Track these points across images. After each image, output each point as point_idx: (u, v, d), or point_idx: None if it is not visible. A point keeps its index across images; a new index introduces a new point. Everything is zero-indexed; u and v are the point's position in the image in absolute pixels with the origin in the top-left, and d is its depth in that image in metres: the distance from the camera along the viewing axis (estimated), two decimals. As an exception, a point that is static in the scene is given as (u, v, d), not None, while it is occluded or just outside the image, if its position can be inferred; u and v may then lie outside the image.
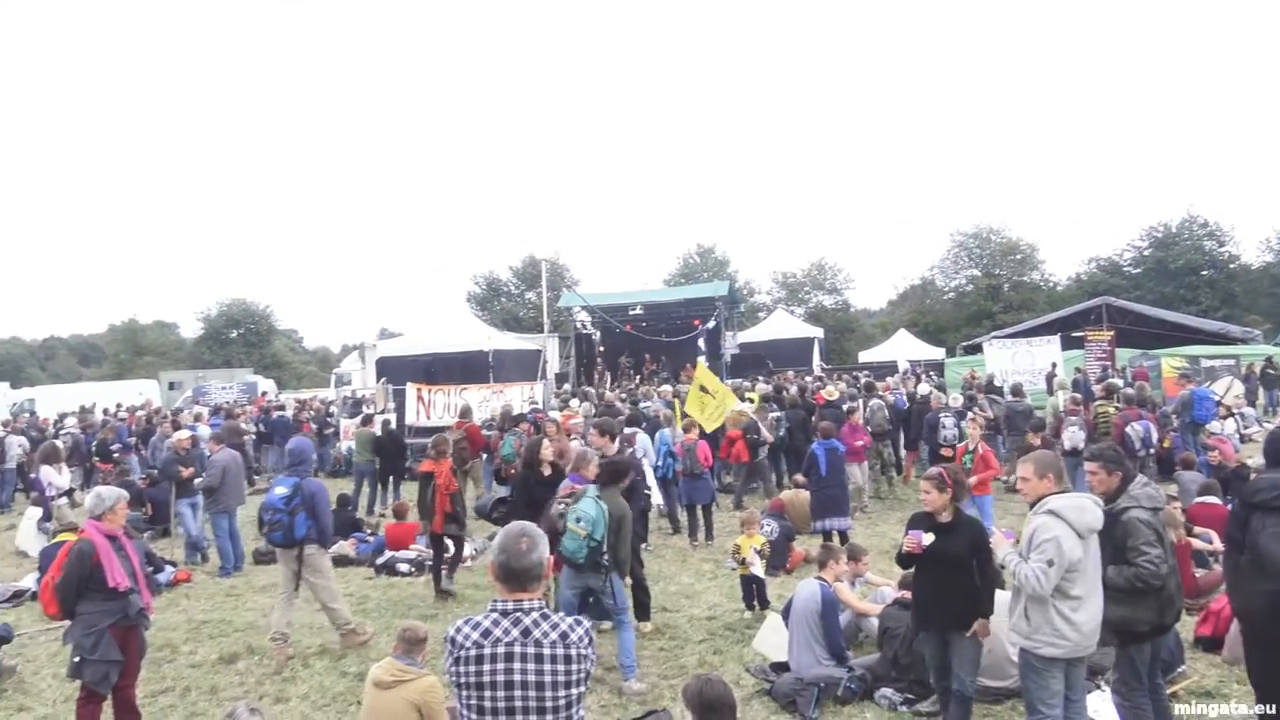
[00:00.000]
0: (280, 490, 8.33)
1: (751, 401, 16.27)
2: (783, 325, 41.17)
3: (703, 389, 13.31)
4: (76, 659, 5.96)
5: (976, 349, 25.36)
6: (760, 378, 24.95)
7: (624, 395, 22.14)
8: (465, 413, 16.03)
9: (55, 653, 8.53)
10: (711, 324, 31.85)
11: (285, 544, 8.33)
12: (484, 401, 19.18)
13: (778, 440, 15.53)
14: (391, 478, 16.62)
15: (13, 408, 34.50)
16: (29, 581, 10.74)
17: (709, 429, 13.28)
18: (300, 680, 7.55)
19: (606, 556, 6.96)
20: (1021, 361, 22.36)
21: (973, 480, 10.67)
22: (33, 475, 16.13)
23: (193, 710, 7.01)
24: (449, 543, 10.48)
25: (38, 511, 13.78)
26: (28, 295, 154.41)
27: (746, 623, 8.61)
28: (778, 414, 15.91)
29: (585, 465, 8.11)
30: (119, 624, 6.12)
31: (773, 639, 7.57)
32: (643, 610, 8.49)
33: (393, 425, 17.90)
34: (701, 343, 31.57)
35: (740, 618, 8.79)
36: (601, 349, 34.70)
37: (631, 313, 33.48)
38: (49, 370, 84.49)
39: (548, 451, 9.27)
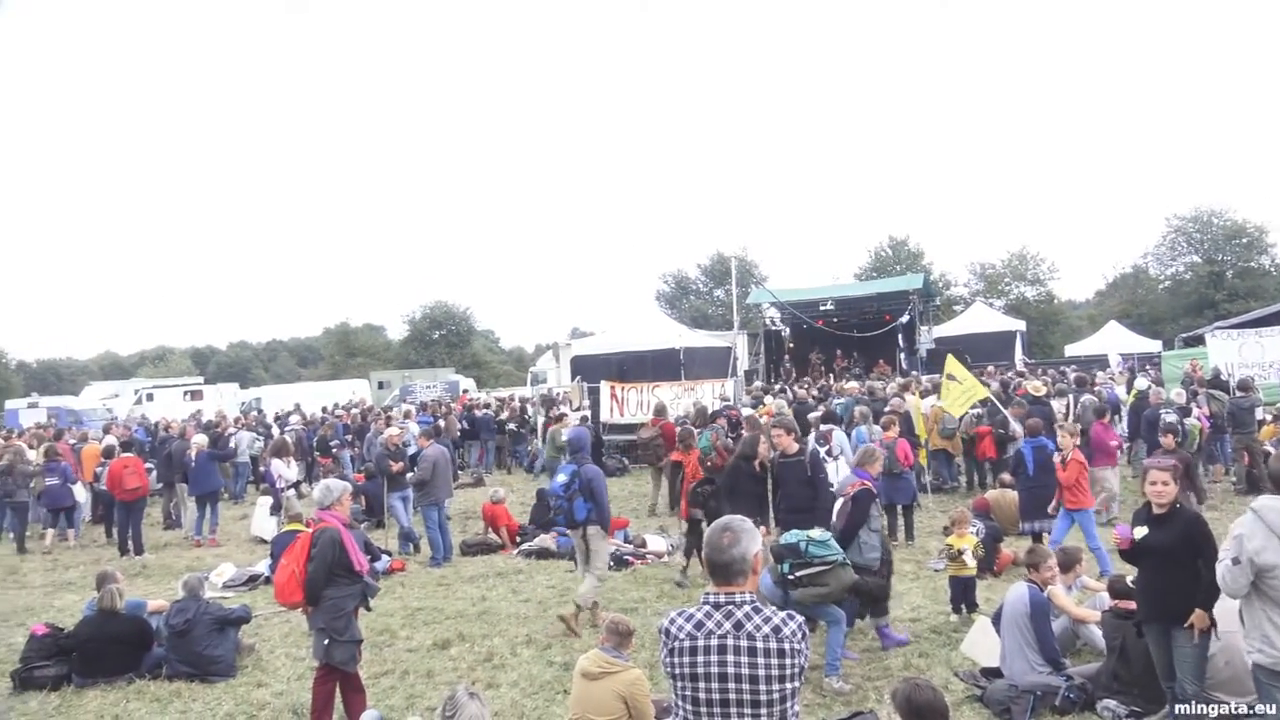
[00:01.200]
0: (560, 478, 9.14)
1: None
2: (981, 318, 39.58)
3: (950, 377, 14.45)
4: (326, 641, 6.31)
5: (1197, 341, 23.59)
6: (958, 374, 24.02)
7: (816, 392, 21.87)
8: (660, 410, 16.24)
9: (287, 634, 9.20)
10: (905, 318, 30.99)
11: (568, 526, 9.30)
12: (676, 399, 19.36)
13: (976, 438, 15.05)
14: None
15: (242, 406, 37.38)
16: (263, 567, 11.60)
17: (956, 414, 14.45)
18: (509, 668, 7.84)
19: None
20: (1250, 354, 20.59)
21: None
22: (263, 468, 17.45)
23: (411, 692, 7.39)
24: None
25: (269, 500, 14.86)
26: (253, 303, 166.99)
27: (953, 626, 8.35)
28: (977, 411, 15.35)
29: (871, 462, 8.23)
30: (359, 606, 6.54)
31: (982, 643, 7.31)
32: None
33: (588, 421, 18.32)
34: (898, 338, 30.80)
35: (946, 620, 8.52)
36: (791, 345, 34.38)
37: (822, 308, 33.01)
38: (272, 371, 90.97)
39: (765, 449, 9.23)
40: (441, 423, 18.73)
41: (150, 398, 40.69)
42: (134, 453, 15.08)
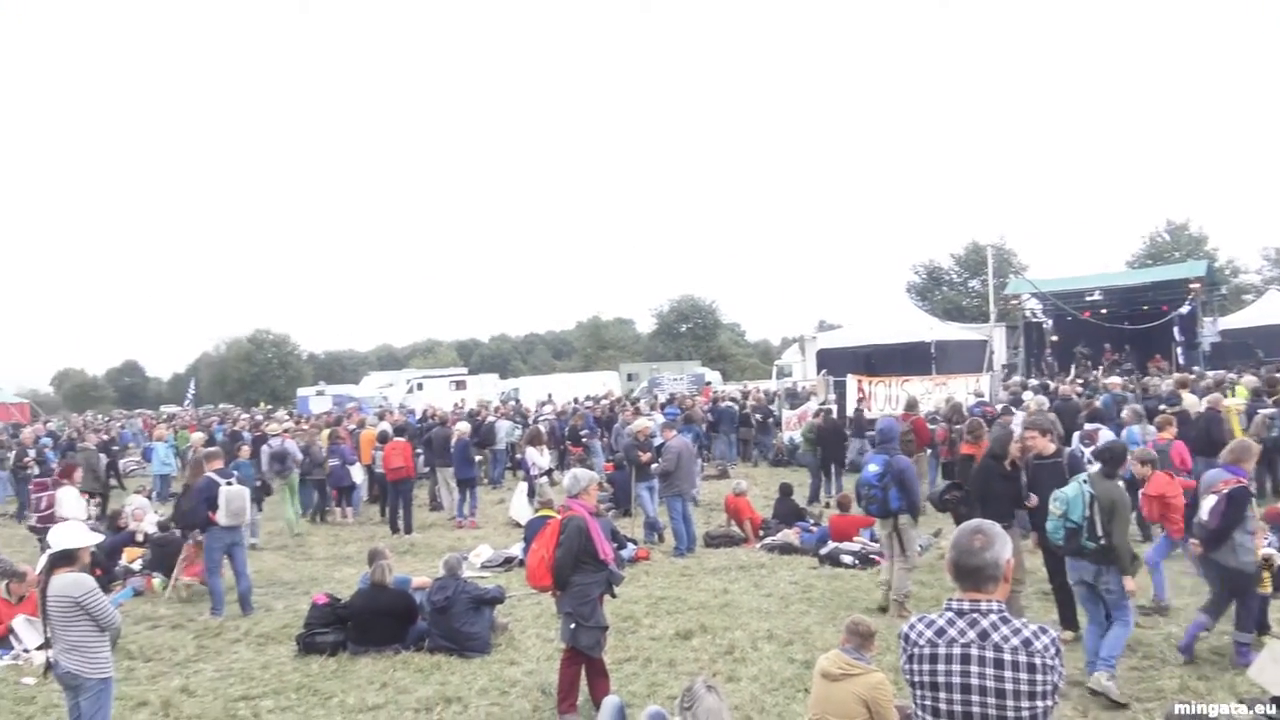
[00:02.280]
0: (873, 468, 9.33)
1: (1237, 396, 14.34)
2: (1276, 309, 35.76)
3: None
4: (572, 625, 6.53)
5: None
6: (1248, 369, 21.81)
7: (1081, 389, 20.48)
8: (911, 405, 15.74)
9: (539, 615, 9.57)
10: (1185, 309, 28.37)
11: (881, 515, 9.37)
12: (926, 394, 18.73)
13: (1268, 441, 13.52)
14: (833, 467, 16.76)
15: (502, 395, 39.43)
16: (518, 549, 12.15)
17: None
18: (750, 662, 7.80)
19: (1093, 542, 6.72)
20: None
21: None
22: (519, 455, 18.32)
23: (653, 680, 7.50)
24: None
25: (525, 486, 15.58)
26: (513, 299, 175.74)
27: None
28: (1271, 411, 13.84)
29: (1248, 458, 7.69)
30: (604, 593, 6.73)
31: (1272, 669, 6.55)
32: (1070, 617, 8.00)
33: (833, 414, 18.01)
34: (1175, 330, 28.30)
35: (1228, 640, 7.73)
36: (1054, 338, 32.34)
37: (1089, 298, 30.87)
38: (529, 363, 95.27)
39: (1016, 447, 8.74)
40: (682, 417, 18.98)
41: (420, 387, 43.62)
42: (404, 438, 16.20)
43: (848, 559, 11.51)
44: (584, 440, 20.65)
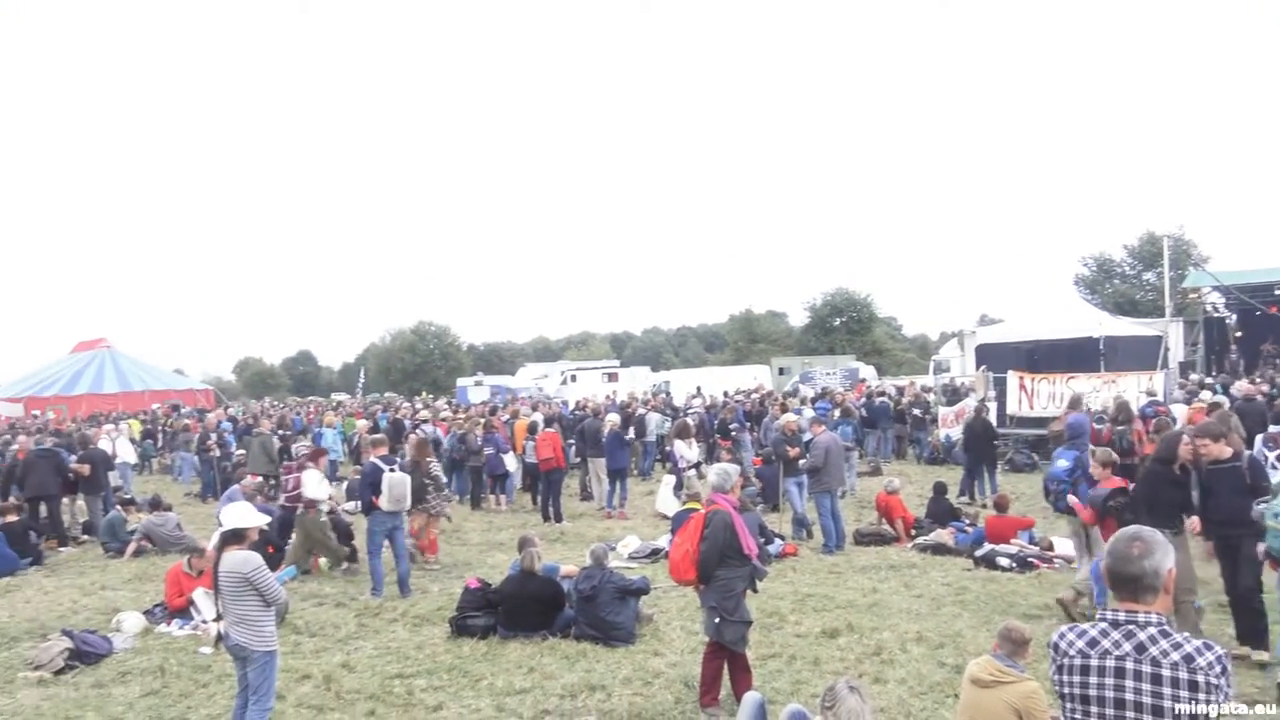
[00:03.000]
0: (1062, 463, 9.41)
1: None
2: None
3: None
4: (716, 620, 6.53)
5: None
6: None
7: (1267, 389, 19.09)
8: (1075, 403, 14.99)
9: (683, 607, 9.59)
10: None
11: (1068, 512, 9.35)
12: (1094, 392, 17.83)
13: None
14: (986, 467, 16.23)
15: (653, 388, 39.70)
16: (664, 541, 12.21)
17: None
18: (898, 664, 7.62)
19: None
20: None
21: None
22: (668, 448, 18.42)
23: (797, 678, 7.41)
24: None
25: (673, 480, 15.65)
26: (666, 291, 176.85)
27: None
28: None
29: None
30: (748, 588, 6.69)
31: None
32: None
33: (985, 413, 17.40)
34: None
35: None
36: (1238, 335, 30.23)
37: (1278, 292, 28.75)
38: (681, 355, 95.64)
39: (1186, 450, 8.18)
40: (836, 411, 18.67)
41: (574, 378, 44.41)
42: (555, 429, 16.49)
43: (1004, 561, 11.09)
44: (733, 434, 20.58)
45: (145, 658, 8.68)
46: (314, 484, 12.00)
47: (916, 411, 22.79)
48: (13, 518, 13.56)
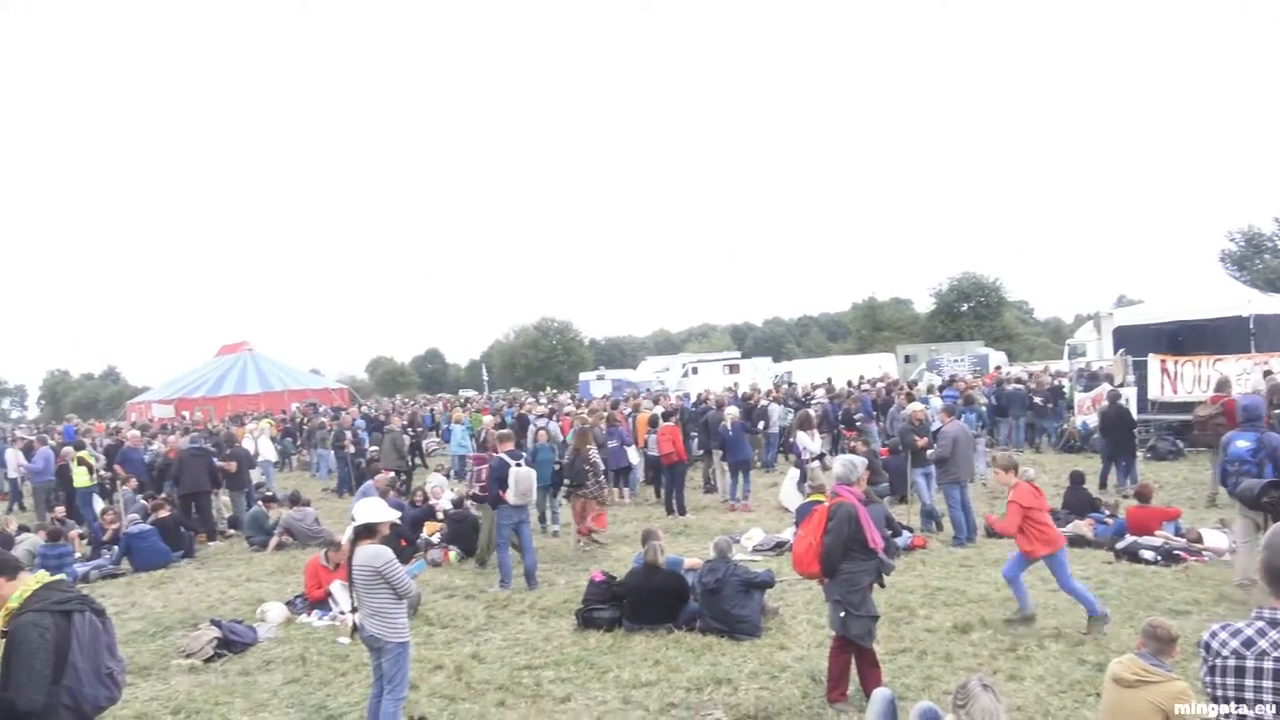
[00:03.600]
0: (1242, 444, 9.08)
1: None
2: None
3: None
4: (842, 614, 6.43)
5: None
6: None
7: None
8: (1222, 385, 14.22)
9: (809, 600, 9.46)
10: None
11: (1246, 496, 8.76)
12: (1243, 374, 16.85)
13: None
14: (1125, 456, 15.56)
15: (775, 379, 39.35)
16: (789, 534, 12.07)
17: None
18: (1035, 661, 7.35)
19: None
20: None
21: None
22: (791, 439, 18.20)
23: (928, 674, 7.22)
24: None
25: (796, 472, 15.47)
26: (787, 281, 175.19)
27: None
28: None
29: None
30: (874, 581, 6.56)
31: None
32: None
33: (1121, 399, 16.64)
34: None
35: None
36: None
37: None
38: (803, 345, 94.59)
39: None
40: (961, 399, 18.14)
41: (695, 371, 44.31)
42: (676, 422, 16.47)
43: (1149, 554, 10.58)
44: (858, 424, 20.22)
45: (287, 647, 9.04)
46: None
47: (1047, 400, 21.92)
48: (165, 513, 14.32)
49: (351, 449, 21.58)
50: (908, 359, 47.99)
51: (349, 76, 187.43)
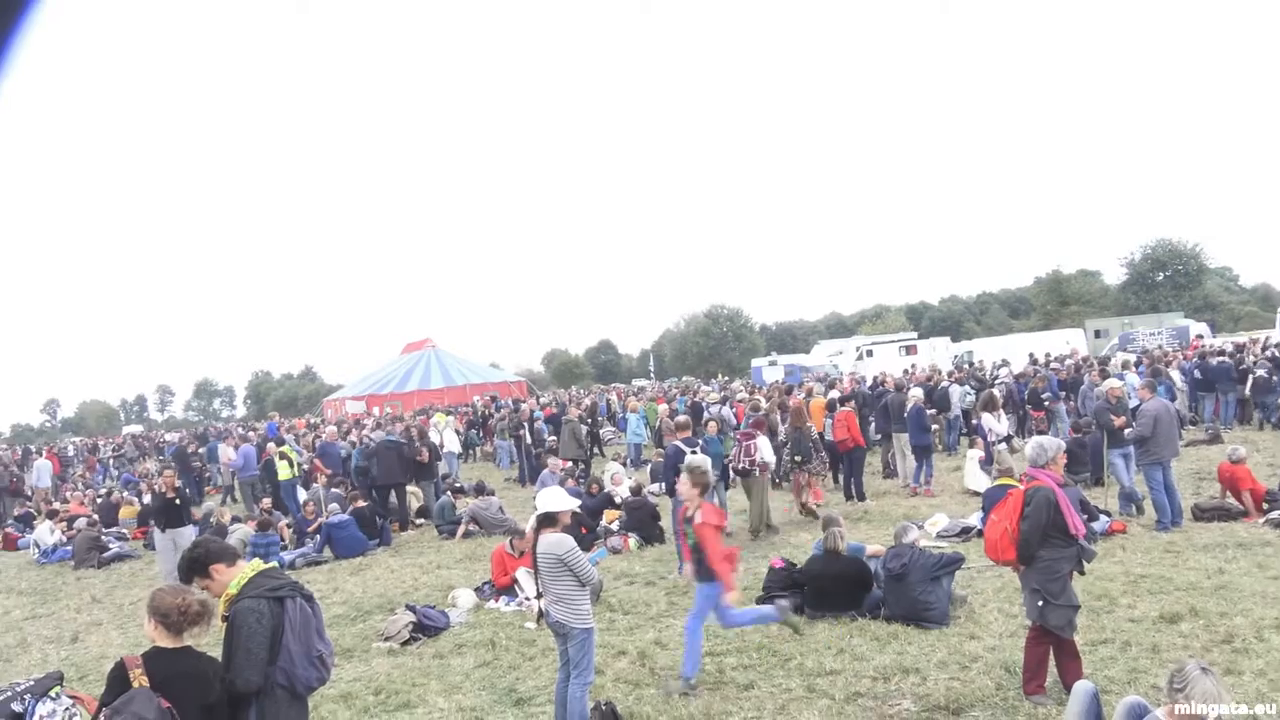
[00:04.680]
0: None
1: None
2: None
3: None
4: (1040, 603, 6.12)
5: None
6: None
7: None
8: None
9: (1000, 588, 9.10)
10: None
11: None
12: None
13: None
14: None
15: (955, 359, 38.08)
16: (974, 519, 11.65)
17: None
18: (1254, 654, 6.80)
19: None
20: None
21: None
22: (975, 421, 17.58)
23: (1133, 666, 6.79)
24: None
25: (978, 454, 14.92)
26: (964, 257, 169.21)
27: None
28: None
29: None
30: (1074, 569, 6.24)
31: None
32: None
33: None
34: None
35: None
36: None
37: None
38: (983, 324, 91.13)
39: None
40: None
41: (870, 353, 43.39)
42: (853, 406, 16.16)
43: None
44: (1046, 404, 19.32)
45: (478, 631, 9.37)
46: (766, 448, 13.11)
47: (1262, 372, 20.33)
48: (361, 503, 15.11)
49: (528, 439, 22.20)
50: (1098, 334, 45.66)
51: (505, 72, 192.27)
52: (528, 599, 9.91)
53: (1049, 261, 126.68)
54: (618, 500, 14.42)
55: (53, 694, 7.29)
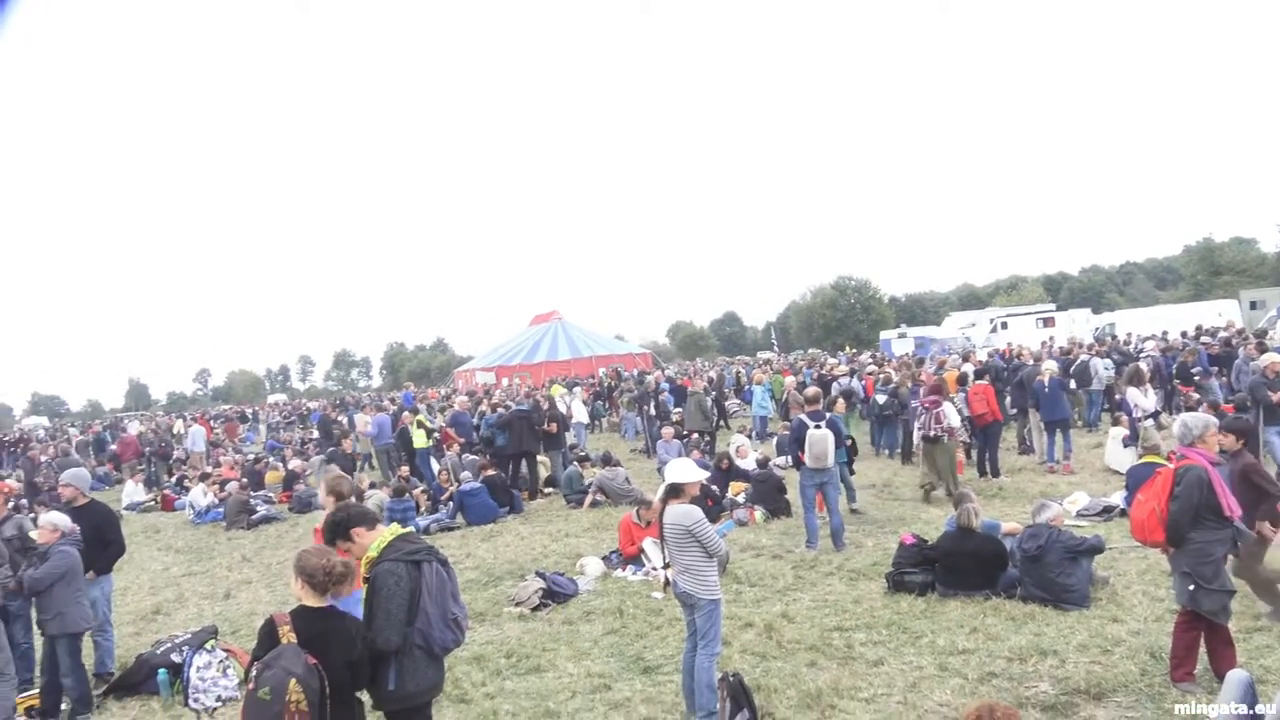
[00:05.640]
0: None
1: None
2: None
3: None
4: (1191, 587, 5.84)
5: None
6: None
7: None
8: None
9: (1144, 570, 8.74)
10: None
11: None
12: None
13: None
14: None
15: (1095, 332, 36.56)
16: (1117, 498, 11.19)
17: None
18: None
19: None
20: None
21: None
22: (1118, 396, 16.84)
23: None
24: None
25: (1122, 431, 14.29)
26: (1106, 225, 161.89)
27: None
28: None
29: None
30: (1228, 552, 5.94)
31: None
32: None
33: None
34: None
35: None
36: None
37: None
38: (1126, 295, 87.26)
39: None
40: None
41: (1004, 325, 42.03)
42: (988, 380, 15.69)
43: None
44: (1196, 379, 18.35)
45: (605, 599, 9.49)
46: (952, 414, 13.42)
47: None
48: (492, 472, 15.46)
49: (653, 411, 22.29)
50: (1254, 305, 43.16)
51: (643, 42, 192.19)
52: (654, 569, 9.99)
53: (1199, 229, 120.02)
54: (745, 472, 14.38)
55: (208, 646, 7.71)
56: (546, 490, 17.08)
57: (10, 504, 9.86)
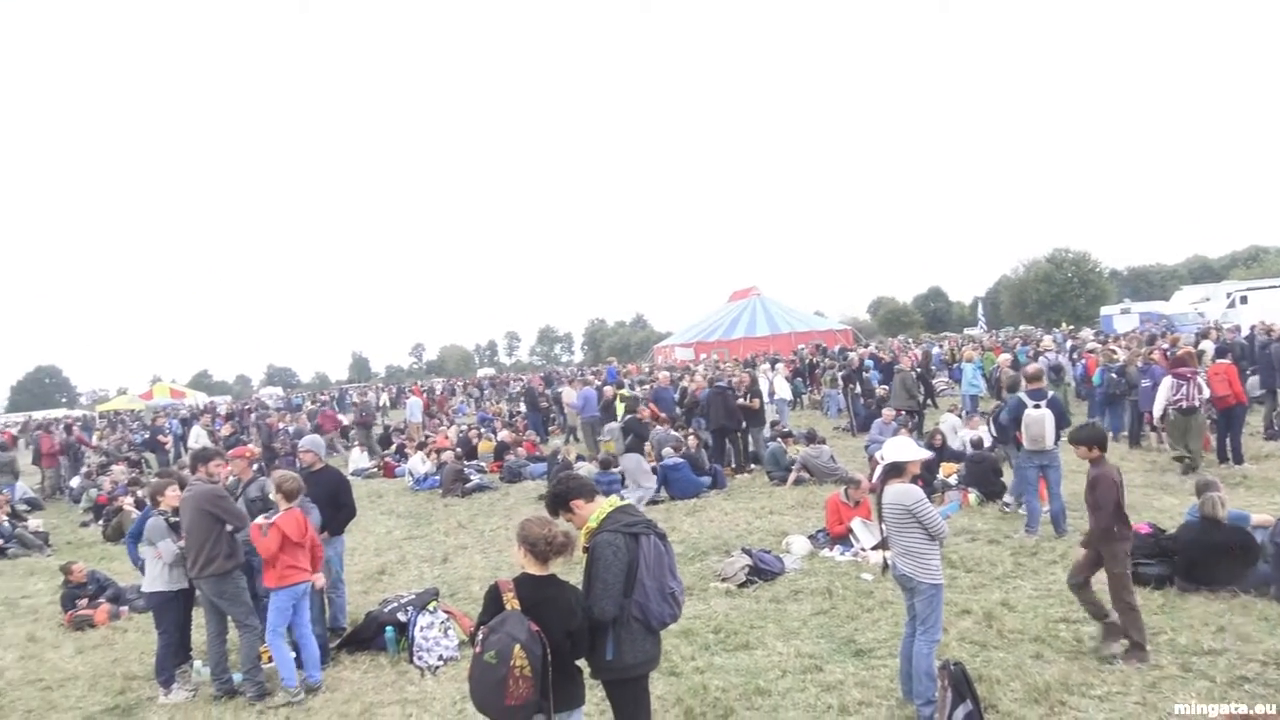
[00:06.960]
0: None
1: None
2: None
3: None
4: None
5: None
6: None
7: None
8: None
9: None
10: None
11: None
12: None
13: None
14: None
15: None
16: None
17: None
18: None
19: None
20: None
21: None
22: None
23: None
24: None
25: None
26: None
27: None
28: None
29: None
30: None
31: None
32: None
33: None
34: None
35: None
36: None
37: None
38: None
39: None
40: None
41: (1244, 300, 38.71)
42: (1230, 359, 14.47)
43: None
44: None
45: (813, 579, 9.32)
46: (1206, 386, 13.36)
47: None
48: (695, 446, 15.48)
49: (857, 389, 21.80)
50: None
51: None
52: (863, 549, 9.75)
53: None
54: (957, 453, 13.84)
55: (430, 608, 8.07)
56: (749, 466, 17.00)
57: (255, 466, 10.65)
